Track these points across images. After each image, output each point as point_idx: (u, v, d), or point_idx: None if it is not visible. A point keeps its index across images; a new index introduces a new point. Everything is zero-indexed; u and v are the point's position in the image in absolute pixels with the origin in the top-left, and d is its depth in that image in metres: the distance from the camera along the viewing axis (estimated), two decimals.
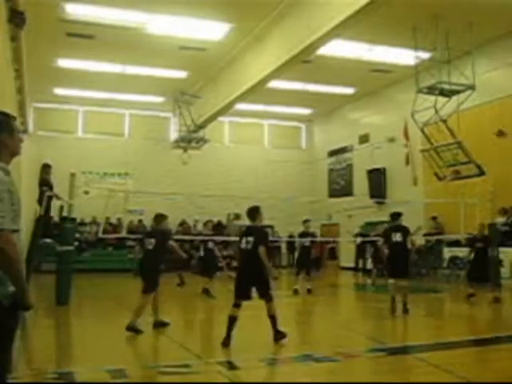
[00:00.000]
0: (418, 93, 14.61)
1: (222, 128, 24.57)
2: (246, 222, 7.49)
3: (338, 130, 24.17)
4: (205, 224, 15.21)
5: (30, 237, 11.66)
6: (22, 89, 15.91)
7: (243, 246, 6.88)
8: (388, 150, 20.34)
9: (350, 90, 21.03)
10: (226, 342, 6.47)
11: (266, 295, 6.77)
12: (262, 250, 6.68)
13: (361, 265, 19.46)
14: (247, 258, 6.84)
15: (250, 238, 6.82)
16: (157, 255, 8.01)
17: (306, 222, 13.86)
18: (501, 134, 14.55)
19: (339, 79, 19.27)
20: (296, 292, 12.68)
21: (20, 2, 9.93)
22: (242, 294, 6.72)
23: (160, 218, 8.34)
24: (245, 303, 6.79)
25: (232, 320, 6.62)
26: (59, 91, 20.71)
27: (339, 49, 15.63)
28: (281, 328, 6.80)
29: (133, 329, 7.29)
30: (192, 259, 17.53)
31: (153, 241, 7.99)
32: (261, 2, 13.07)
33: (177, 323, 9.02)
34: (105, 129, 23.13)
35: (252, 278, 6.77)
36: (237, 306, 6.73)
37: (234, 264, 16.02)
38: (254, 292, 6.83)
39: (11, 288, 2.63)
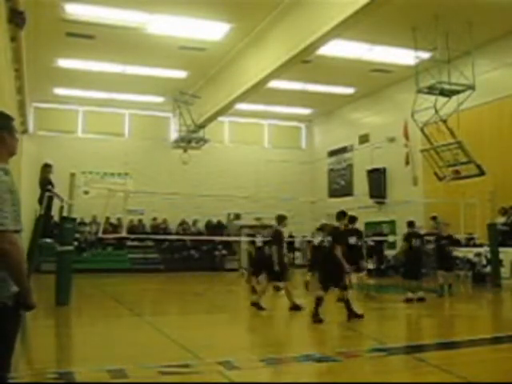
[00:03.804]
0: (418, 93, 14.61)
1: (222, 128, 24.57)
2: (245, 221, 7.58)
3: (338, 130, 24.17)
4: (265, 227, 14.17)
5: (30, 237, 11.66)
6: (22, 89, 15.90)
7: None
8: (388, 149, 20.34)
9: (350, 90, 21.03)
10: (316, 319, 8.16)
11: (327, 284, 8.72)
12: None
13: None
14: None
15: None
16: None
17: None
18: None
19: (339, 79, 19.27)
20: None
21: (20, 2, 9.93)
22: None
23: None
24: (245, 305, 6.94)
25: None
26: (59, 91, 20.71)
27: (339, 49, 15.63)
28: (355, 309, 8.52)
29: (257, 305, 9.61)
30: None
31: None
32: (261, 1, 13.08)
33: (177, 323, 9.03)
34: (105, 129, 23.14)
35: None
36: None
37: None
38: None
39: (14, 288, 2.65)
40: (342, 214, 9.22)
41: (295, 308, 9.66)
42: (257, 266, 12.52)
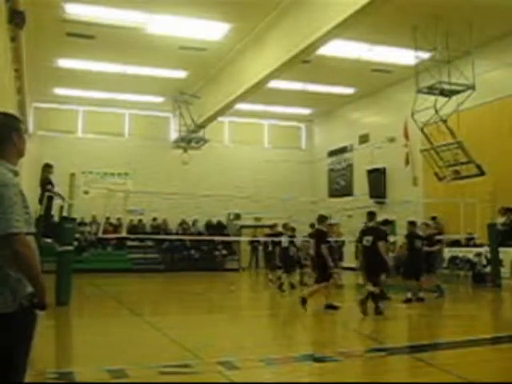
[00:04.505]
0: (418, 93, 14.60)
1: (222, 128, 24.55)
2: (245, 221, 7.56)
3: (338, 130, 24.17)
4: (284, 226, 15.38)
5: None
6: (21, 89, 15.91)
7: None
8: (388, 150, 20.34)
9: (349, 90, 21.03)
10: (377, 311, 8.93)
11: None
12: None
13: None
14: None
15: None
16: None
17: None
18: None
19: (339, 79, 19.26)
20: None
21: (20, 2, 9.93)
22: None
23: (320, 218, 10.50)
24: (245, 305, 6.92)
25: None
26: (59, 91, 20.70)
27: (339, 49, 15.62)
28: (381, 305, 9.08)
29: (331, 306, 9.64)
30: None
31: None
32: (261, 1, 13.07)
33: (177, 323, 9.03)
34: (105, 129, 23.12)
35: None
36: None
37: None
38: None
39: (29, 289, 2.70)
40: (372, 215, 9.96)
41: (302, 302, 9.59)
42: (288, 265, 13.73)
